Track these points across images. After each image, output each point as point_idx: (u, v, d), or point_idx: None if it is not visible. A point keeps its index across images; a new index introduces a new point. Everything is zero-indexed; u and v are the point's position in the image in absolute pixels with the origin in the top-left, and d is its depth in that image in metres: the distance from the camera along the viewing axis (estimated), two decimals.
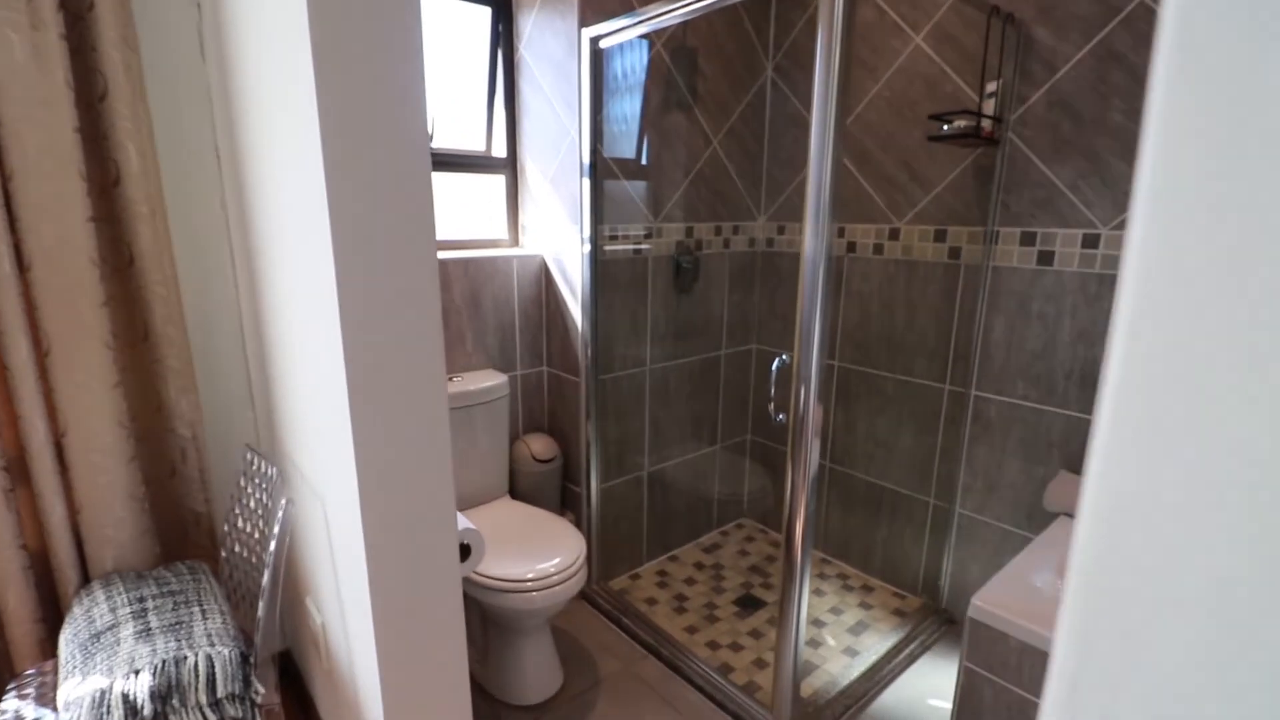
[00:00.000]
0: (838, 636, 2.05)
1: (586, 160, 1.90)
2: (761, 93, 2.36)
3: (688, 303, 2.34)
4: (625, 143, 2.03)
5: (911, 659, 1.95)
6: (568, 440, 2.23)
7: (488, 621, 1.78)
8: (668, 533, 2.52)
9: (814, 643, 2.02)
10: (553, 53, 1.96)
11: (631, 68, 1.98)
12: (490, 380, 1.96)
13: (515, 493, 2.16)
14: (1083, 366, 1.74)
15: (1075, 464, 1.79)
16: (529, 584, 1.60)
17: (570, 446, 2.23)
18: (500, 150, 2.18)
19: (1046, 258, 1.76)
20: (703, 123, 2.21)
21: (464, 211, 2.15)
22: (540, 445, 2.16)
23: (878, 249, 2.14)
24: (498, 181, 2.20)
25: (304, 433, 1.24)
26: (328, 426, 1.06)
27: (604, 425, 2.18)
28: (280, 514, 1.16)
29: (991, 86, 1.73)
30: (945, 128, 1.69)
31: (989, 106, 1.73)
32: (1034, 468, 1.88)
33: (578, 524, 2.25)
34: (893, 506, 2.26)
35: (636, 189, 2.10)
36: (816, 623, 2.12)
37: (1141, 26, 1.52)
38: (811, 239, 1.32)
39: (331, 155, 0.85)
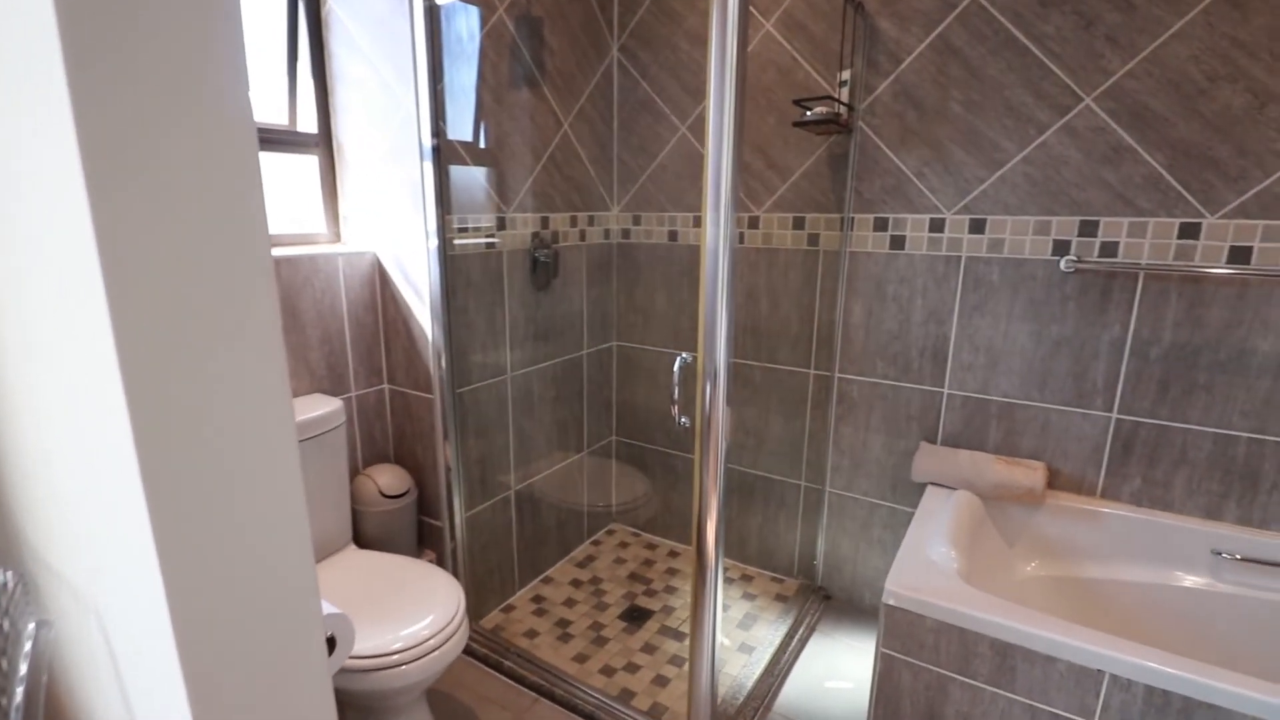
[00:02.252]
0: (730, 634, 2.01)
1: (428, 140, 1.61)
2: (609, 74, 2.22)
3: (547, 301, 2.14)
4: (468, 120, 1.77)
5: (802, 644, 1.96)
6: (422, 468, 1.92)
7: (346, 705, 1.44)
8: (538, 553, 2.30)
9: None
10: (374, 8, 1.63)
11: (473, 32, 1.72)
12: (320, 408, 1.60)
13: (361, 539, 1.80)
14: (934, 344, 1.85)
15: (932, 435, 1.91)
16: (397, 656, 1.31)
17: (425, 474, 1.92)
18: (309, 124, 1.79)
19: (898, 242, 1.85)
20: (552, 102, 2.01)
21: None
22: (388, 478, 1.83)
23: (739, 238, 2.11)
24: (308, 163, 1.81)
25: (56, 517, 0.85)
26: (101, 501, 0.71)
27: (465, 445, 1.90)
28: (29, 644, 0.77)
29: (844, 75, 1.76)
30: (808, 113, 1.69)
31: (843, 95, 1.76)
32: (895, 441, 1.97)
33: (440, 562, 1.95)
34: (765, 493, 2.27)
35: (483, 174, 1.85)
36: None
37: (975, 22, 1.62)
38: (713, 229, 1.21)
39: (87, 111, 0.54)
